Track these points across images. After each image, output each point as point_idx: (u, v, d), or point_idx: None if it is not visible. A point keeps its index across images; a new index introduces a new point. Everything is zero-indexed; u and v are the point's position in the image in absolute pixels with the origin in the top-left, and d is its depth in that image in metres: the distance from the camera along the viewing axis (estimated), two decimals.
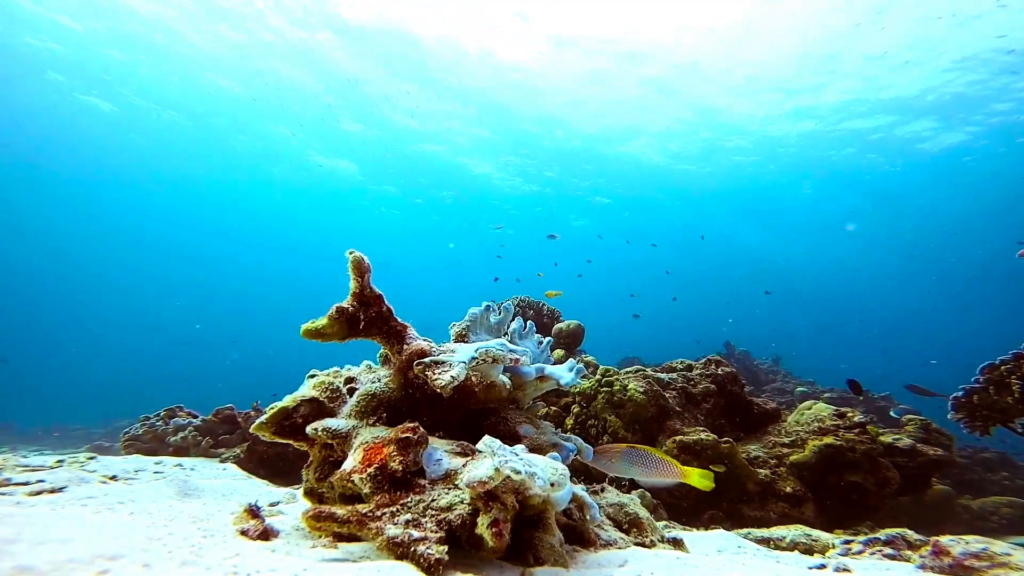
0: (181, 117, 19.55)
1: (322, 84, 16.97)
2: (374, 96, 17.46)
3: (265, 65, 15.92)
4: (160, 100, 18.47)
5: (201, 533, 1.22)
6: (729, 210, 26.09)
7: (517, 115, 18.14)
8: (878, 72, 14.31)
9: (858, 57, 13.77)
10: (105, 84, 17.31)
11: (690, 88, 15.92)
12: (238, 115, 19.22)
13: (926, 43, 12.86)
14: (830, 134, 18.12)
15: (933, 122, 16.75)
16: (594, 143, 19.87)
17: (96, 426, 12.88)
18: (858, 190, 22.58)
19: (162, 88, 17.68)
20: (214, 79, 16.93)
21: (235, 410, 4.80)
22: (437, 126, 19.39)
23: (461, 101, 17.55)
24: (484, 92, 16.93)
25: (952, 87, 14.69)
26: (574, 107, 17.43)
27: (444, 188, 25.39)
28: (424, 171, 23.47)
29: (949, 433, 4.44)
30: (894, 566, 1.93)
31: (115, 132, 20.52)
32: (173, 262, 41.55)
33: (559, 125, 18.84)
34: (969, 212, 24.10)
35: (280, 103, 17.99)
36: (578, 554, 1.41)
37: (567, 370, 1.85)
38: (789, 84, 15.44)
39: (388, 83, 16.63)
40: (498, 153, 21.20)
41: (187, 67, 16.23)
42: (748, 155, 20.14)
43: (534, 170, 22.57)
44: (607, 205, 26.22)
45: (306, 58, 15.54)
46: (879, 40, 12.88)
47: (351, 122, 19.41)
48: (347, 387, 1.63)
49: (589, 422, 4.20)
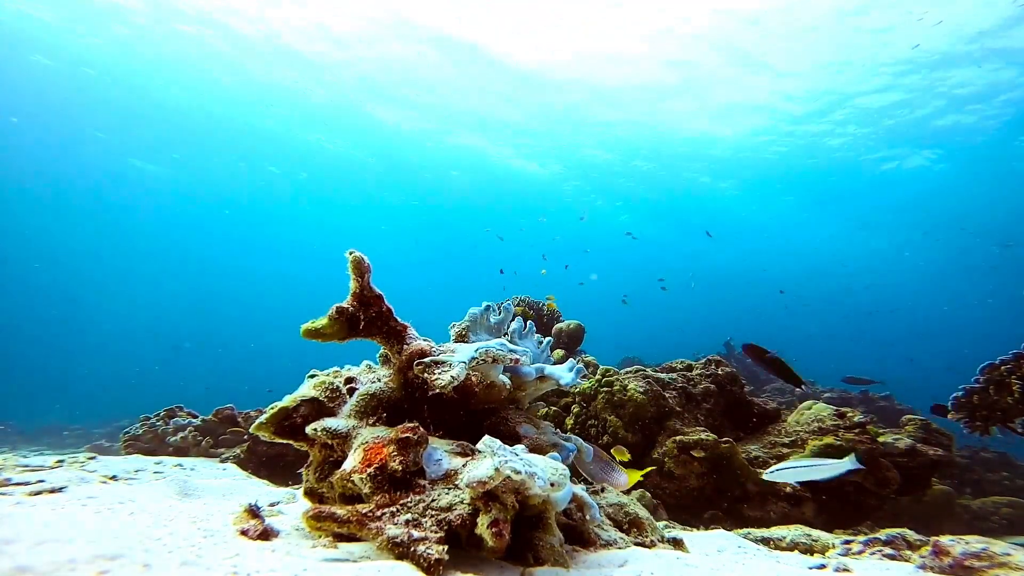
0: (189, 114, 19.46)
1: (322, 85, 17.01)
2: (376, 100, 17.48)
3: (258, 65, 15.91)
4: (163, 99, 18.47)
5: (201, 533, 1.22)
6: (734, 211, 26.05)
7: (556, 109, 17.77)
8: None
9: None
10: (104, 83, 17.31)
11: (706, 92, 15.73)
12: (243, 113, 19.16)
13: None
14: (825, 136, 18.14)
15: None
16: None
17: (96, 426, 12.87)
18: (859, 189, 22.56)
19: (163, 86, 17.66)
20: (219, 77, 16.89)
21: (235, 410, 4.80)
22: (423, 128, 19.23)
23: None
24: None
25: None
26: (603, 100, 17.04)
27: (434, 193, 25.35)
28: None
29: (949, 433, 4.44)
30: (894, 566, 1.93)
31: (116, 131, 20.52)
32: (173, 262, 41.55)
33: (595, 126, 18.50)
34: (969, 211, 24.08)
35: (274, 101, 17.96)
36: (578, 554, 1.41)
37: (567, 370, 1.85)
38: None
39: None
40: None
41: (183, 62, 16.16)
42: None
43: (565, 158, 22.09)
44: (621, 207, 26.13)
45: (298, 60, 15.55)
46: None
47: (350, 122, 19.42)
48: (347, 387, 1.63)
49: (589, 422, 4.20)
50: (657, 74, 15.30)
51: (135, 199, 28.87)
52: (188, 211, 31.43)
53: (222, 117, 19.41)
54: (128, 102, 18.34)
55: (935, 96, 15.12)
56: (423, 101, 17.54)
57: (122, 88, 17.47)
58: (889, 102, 15.69)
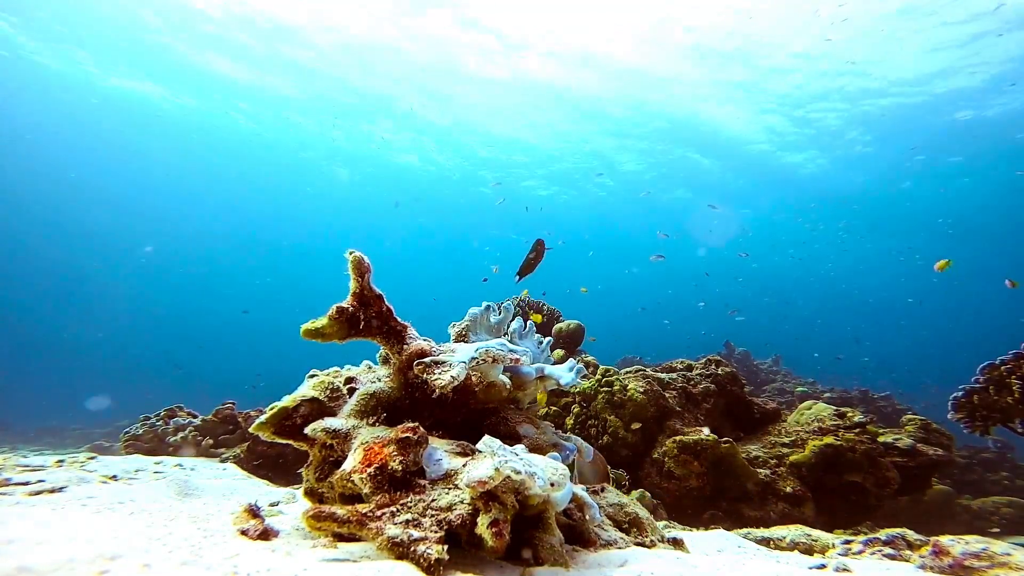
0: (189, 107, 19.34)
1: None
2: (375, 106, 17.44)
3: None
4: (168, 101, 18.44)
5: (201, 533, 1.22)
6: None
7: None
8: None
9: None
10: (107, 80, 17.30)
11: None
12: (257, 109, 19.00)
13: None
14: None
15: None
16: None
17: (96, 426, 12.87)
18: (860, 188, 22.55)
19: (167, 84, 17.62)
20: (218, 66, 16.72)
21: (235, 410, 4.80)
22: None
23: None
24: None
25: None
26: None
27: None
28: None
29: (949, 433, 4.44)
30: (894, 566, 1.93)
31: (117, 130, 20.51)
32: (174, 262, 41.54)
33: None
34: (969, 211, 24.08)
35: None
36: (578, 554, 1.41)
37: (567, 370, 1.85)
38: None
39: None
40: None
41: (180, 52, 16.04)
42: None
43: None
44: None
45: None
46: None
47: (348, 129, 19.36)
48: (347, 387, 1.63)
49: (589, 422, 4.20)
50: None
51: (135, 194, 28.87)
52: (188, 211, 31.43)
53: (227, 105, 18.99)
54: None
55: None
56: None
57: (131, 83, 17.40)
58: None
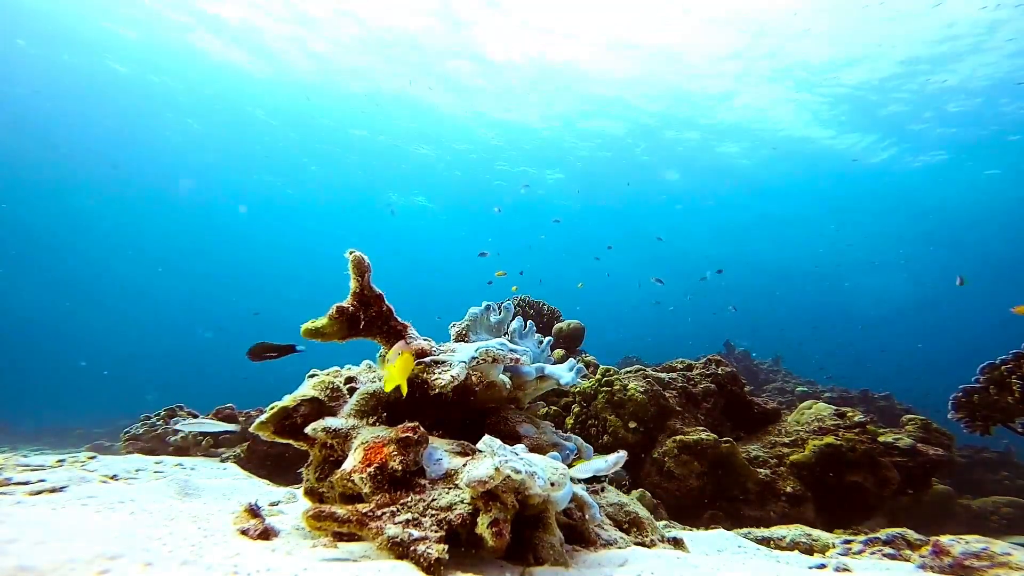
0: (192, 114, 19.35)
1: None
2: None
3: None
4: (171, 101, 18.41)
5: (202, 532, 1.22)
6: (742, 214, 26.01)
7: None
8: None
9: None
10: (106, 80, 17.30)
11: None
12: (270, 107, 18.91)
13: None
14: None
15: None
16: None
17: (96, 426, 12.87)
18: (858, 189, 22.55)
19: (167, 86, 17.61)
20: (219, 62, 16.66)
21: (235, 410, 4.81)
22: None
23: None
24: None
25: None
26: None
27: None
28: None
29: (949, 433, 4.44)
30: (894, 566, 1.93)
31: (119, 128, 20.49)
32: (174, 262, 41.54)
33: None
34: (969, 210, 24.05)
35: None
36: (578, 554, 1.41)
37: (567, 370, 1.86)
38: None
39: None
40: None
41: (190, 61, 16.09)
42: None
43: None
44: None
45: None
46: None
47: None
48: (347, 387, 1.63)
49: (589, 422, 4.20)
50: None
51: (137, 196, 28.89)
52: (188, 210, 31.45)
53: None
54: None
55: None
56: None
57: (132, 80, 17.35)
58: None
